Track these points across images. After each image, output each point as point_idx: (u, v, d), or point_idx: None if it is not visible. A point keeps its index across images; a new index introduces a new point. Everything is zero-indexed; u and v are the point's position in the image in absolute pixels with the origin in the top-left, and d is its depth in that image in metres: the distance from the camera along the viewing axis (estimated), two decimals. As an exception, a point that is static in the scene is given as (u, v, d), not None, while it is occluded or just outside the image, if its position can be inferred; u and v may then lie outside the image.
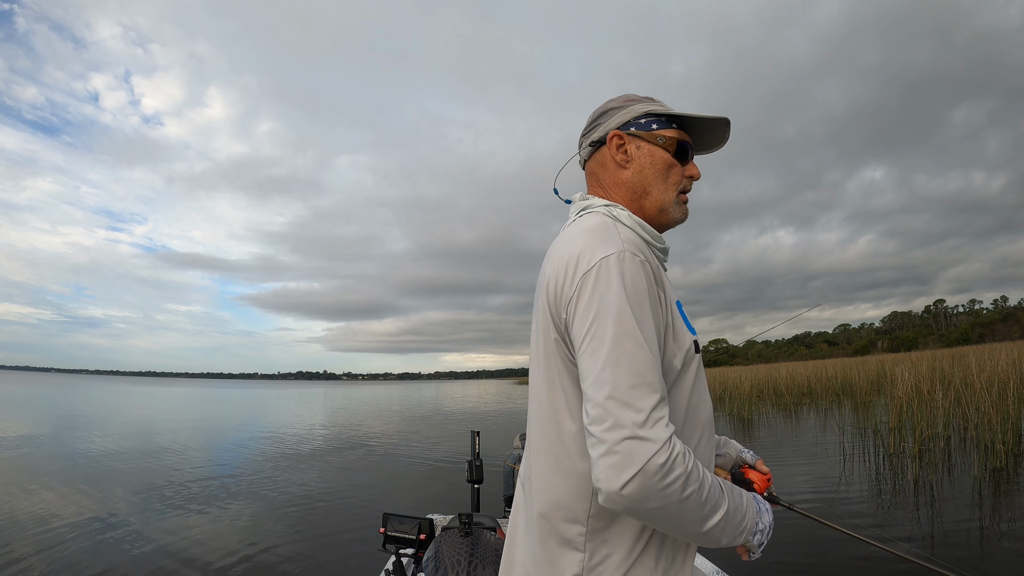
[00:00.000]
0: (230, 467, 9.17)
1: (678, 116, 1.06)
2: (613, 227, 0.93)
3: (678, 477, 0.77)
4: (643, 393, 0.79)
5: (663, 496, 0.77)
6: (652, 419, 0.78)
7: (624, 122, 1.06)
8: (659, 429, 0.78)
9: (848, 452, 8.41)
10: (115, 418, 19.71)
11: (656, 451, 0.76)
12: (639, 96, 1.09)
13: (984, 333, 72.55)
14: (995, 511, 5.15)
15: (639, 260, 0.88)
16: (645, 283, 0.87)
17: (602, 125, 1.08)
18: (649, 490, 0.76)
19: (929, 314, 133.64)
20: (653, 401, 0.79)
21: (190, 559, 4.53)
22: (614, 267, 0.86)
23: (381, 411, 25.21)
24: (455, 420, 19.35)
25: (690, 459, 0.80)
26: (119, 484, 7.59)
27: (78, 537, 5.09)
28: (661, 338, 0.89)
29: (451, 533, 2.05)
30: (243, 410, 26.56)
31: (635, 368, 0.81)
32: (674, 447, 0.78)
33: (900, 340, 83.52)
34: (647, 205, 1.04)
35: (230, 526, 5.54)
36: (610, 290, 0.85)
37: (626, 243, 0.89)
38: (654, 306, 0.87)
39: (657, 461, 0.76)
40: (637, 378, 0.80)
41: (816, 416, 13.86)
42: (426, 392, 62.14)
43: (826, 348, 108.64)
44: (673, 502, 0.78)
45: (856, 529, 1.20)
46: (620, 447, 0.77)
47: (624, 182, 1.05)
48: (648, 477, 0.75)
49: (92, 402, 30.73)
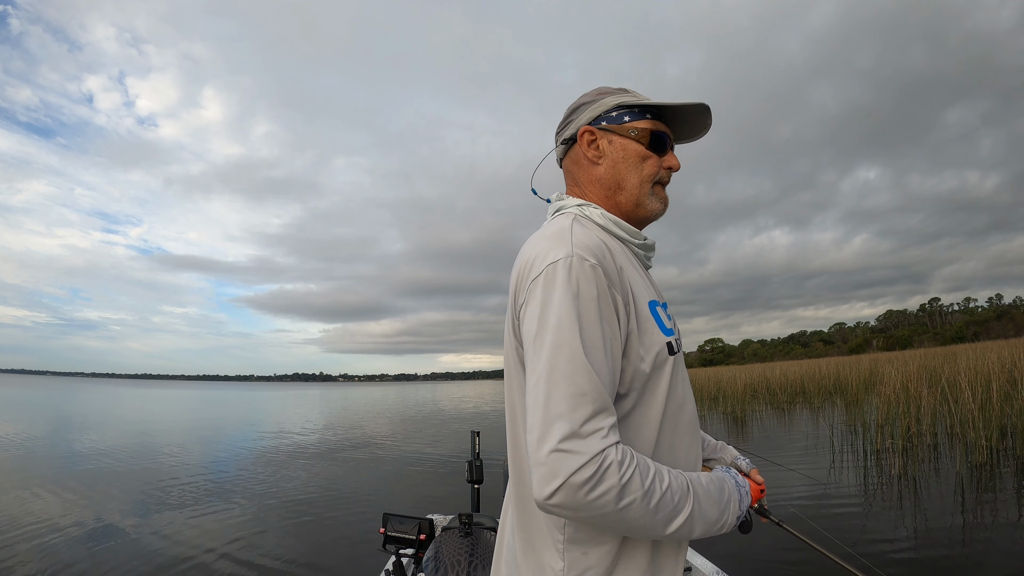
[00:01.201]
0: (228, 469, 9.12)
1: (652, 105, 1.02)
2: (568, 231, 0.89)
3: (608, 489, 0.74)
4: (575, 404, 0.77)
5: (593, 508, 0.75)
6: (584, 432, 0.75)
7: (595, 117, 1.02)
8: (590, 442, 0.75)
9: (837, 449, 8.58)
10: (111, 421, 19.54)
11: (582, 465, 0.73)
12: (612, 88, 1.05)
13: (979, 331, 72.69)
14: (977, 505, 5.29)
15: (589, 264, 0.84)
16: (595, 288, 0.83)
17: (574, 122, 1.05)
18: (576, 502, 0.74)
19: (924, 312, 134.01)
20: (586, 413, 0.76)
21: (189, 560, 4.51)
22: (561, 273, 0.83)
23: (379, 412, 25.13)
24: (454, 420, 19.27)
25: (629, 470, 0.76)
26: (115, 487, 7.56)
27: (74, 540, 5.05)
28: (615, 344, 0.85)
29: (451, 533, 2.04)
30: (240, 412, 26.44)
31: (570, 379, 0.78)
32: (605, 459, 0.75)
33: (895, 338, 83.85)
34: (622, 200, 1.02)
35: (229, 527, 5.53)
36: (552, 297, 0.82)
37: (577, 247, 0.86)
38: (605, 311, 0.83)
39: (582, 475, 0.73)
40: (571, 388, 0.77)
41: (808, 414, 14.01)
42: (423, 393, 61.92)
43: (822, 347, 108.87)
44: (607, 513, 0.76)
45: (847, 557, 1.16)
46: (547, 460, 0.75)
47: (597, 178, 1.02)
48: (573, 490, 0.73)
49: (88, 405, 30.48)
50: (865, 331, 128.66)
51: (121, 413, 24.03)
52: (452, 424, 17.79)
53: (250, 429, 16.62)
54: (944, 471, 6.71)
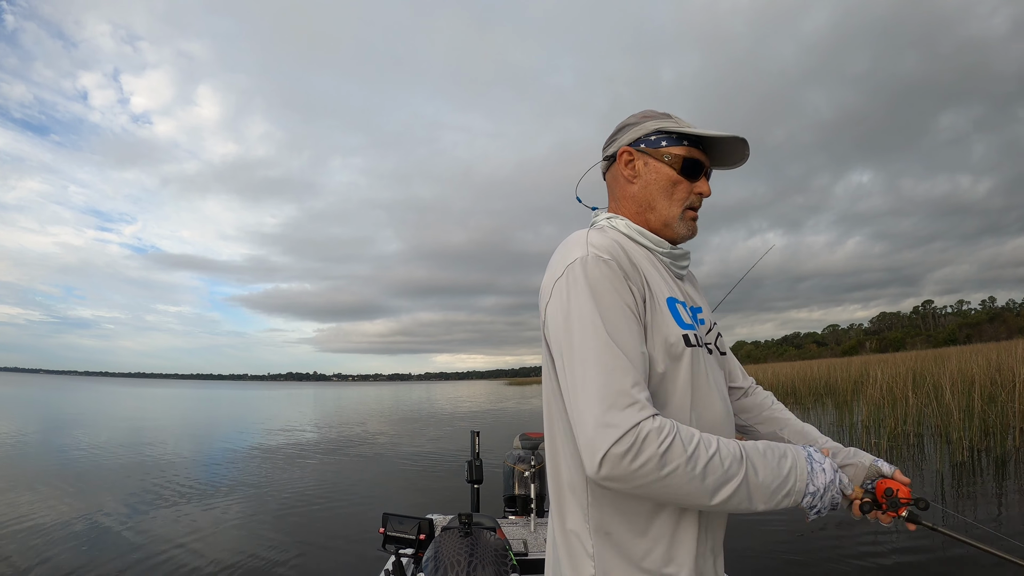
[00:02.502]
0: (224, 468, 9.06)
1: (690, 134, 1.07)
2: (585, 236, 0.97)
3: (650, 458, 0.79)
4: (606, 382, 0.83)
5: (638, 477, 0.79)
6: (618, 404, 0.81)
7: (635, 138, 1.08)
8: (626, 415, 0.81)
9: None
10: (104, 420, 19.43)
11: (620, 436, 0.79)
12: (657, 112, 1.11)
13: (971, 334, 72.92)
14: (958, 500, 5.53)
15: (603, 260, 0.91)
16: (608, 281, 0.90)
17: (616, 141, 1.12)
18: (621, 473, 0.79)
19: (917, 315, 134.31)
20: (618, 388, 0.82)
21: (187, 561, 4.47)
22: (578, 270, 0.91)
23: (376, 412, 25.03)
24: (453, 420, 19.31)
25: (669, 437, 0.80)
26: (109, 486, 7.46)
27: (68, 541, 4.97)
28: (637, 328, 0.91)
29: (451, 533, 2.04)
30: (234, 411, 26.28)
31: (598, 360, 0.85)
32: (642, 429, 0.80)
33: (888, 340, 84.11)
34: (652, 219, 1.07)
35: (227, 527, 5.49)
36: (571, 293, 0.90)
37: (592, 247, 0.93)
38: (623, 299, 0.90)
39: (621, 447, 0.79)
40: (601, 369, 0.84)
41: (799, 415, 14.14)
42: (418, 393, 61.44)
43: (815, 349, 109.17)
44: (652, 481, 0.80)
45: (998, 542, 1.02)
46: (590, 438, 0.81)
47: (631, 196, 1.09)
48: (615, 462, 0.79)
49: (81, 403, 30.22)
50: (858, 333, 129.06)
51: (115, 412, 23.85)
52: (450, 424, 17.72)
53: (245, 429, 16.50)
54: (927, 470, 6.94)
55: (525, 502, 2.91)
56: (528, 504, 2.88)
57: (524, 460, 2.96)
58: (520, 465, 2.95)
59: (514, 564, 2.04)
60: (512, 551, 2.20)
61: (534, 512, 2.84)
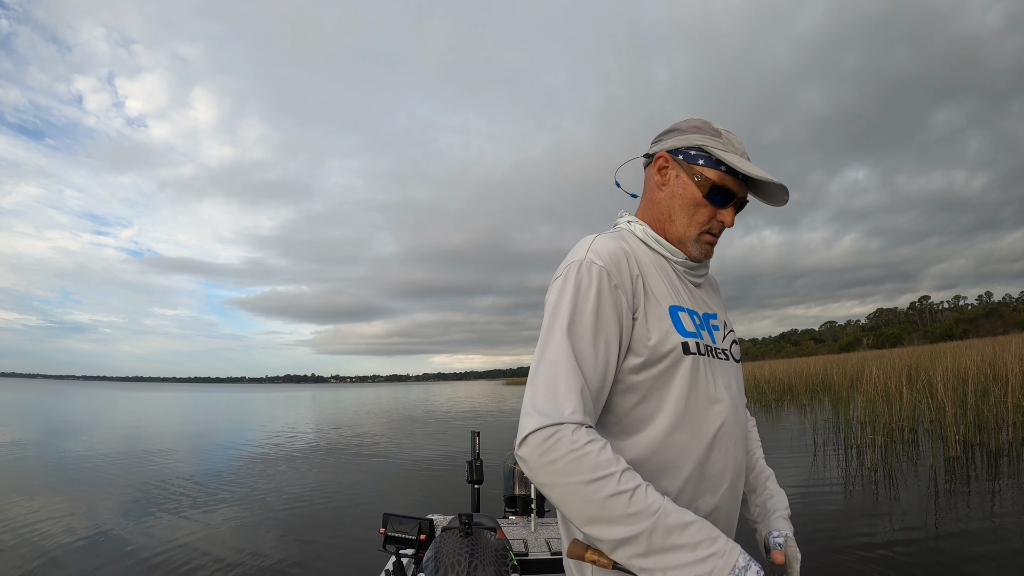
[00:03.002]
0: (224, 470, 9.05)
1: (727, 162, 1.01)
2: (590, 240, 0.99)
3: (556, 460, 0.81)
4: (550, 380, 0.87)
5: (540, 470, 0.82)
6: (552, 400, 0.85)
7: (676, 147, 1.05)
8: (553, 411, 0.84)
9: (819, 444, 8.89)
10: (103, 424, 19.36)
11: (538, 427, 0.82)
12: (711, 127, 1.04)
13: (968, 329, 72.97)
14: (950, 495, 5.60)
15: (596, 266, 0.93)
16: (594, 288, 0.92)
17: (661, 142, 1.09)
18: (531, 459, 0.83)
19: (914, 310, 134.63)
20: (559, 389, 0.86)
21: (188, 562, 4.47)
22: (571, 273, 0.94)
23: (375, 413, 24.98)
24: (452, 420, 19.29)
25: (579, 450, 0.80)
26: (108, 490, 7.44)
27: (67, 545, 4.94)
28: (608, 339, 0.92)
29: (451, 533, 1.99)
30: (233, 414, 26.20)
31: (552, 360, 0.88)
32: (558, 432, 0.82)
33: (885, 336, 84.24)
34: (669, 231, 1.06)
35: (227, 528, 5.49)
36: (557, 292, 0.95)
37: (591, 252, 0.96)
38: (602, 308, 0.92)
39: (538, 436, 0.82)
40: (550, 368, 0.88)
41: (796, 412, 14.29)
42: (417, 394, 61.19)
43: (812, 345, 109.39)
44: (551, 481, 0.82)
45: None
46: (521, 418, 0.87)
47: (657, 201, 1.08)
48: (530, 448, 0.83)
49: (79, 408, 29.97)
50: (855, 329, 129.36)
51: (113, 416, 23.71)
52: (450, 424, 17.68)
53: (244, 431, 16.42)
54: (920, 464, 7.04)
55: (525, 502, 2.88)
56: (528, 504, 2.85)
57: None
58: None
59: (514, 564, 2.00)
60: (512, 551, 2.18)
61: (534, 512, 2.83)
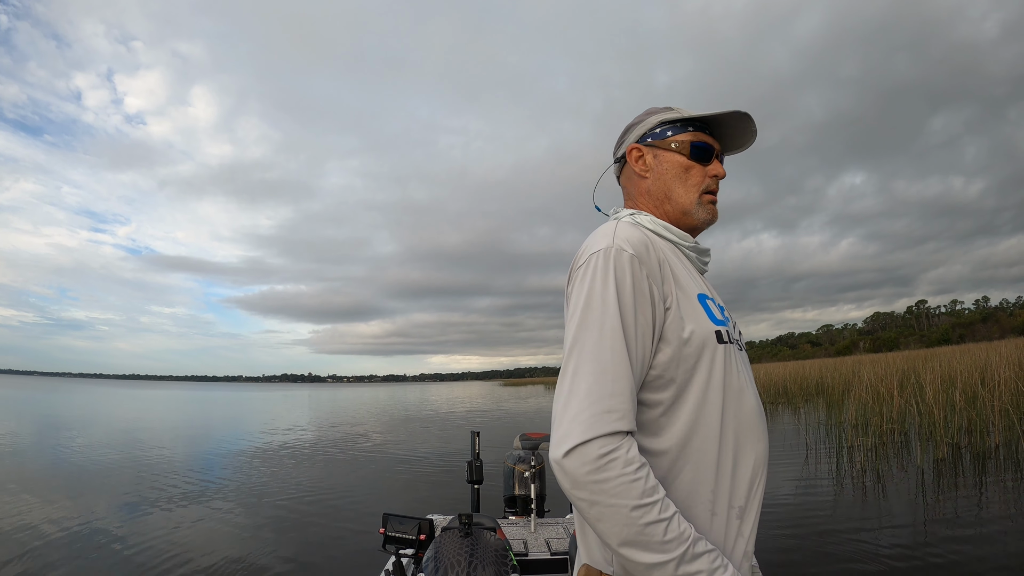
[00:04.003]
0: (222, 469, 9.00)
1: (692, 119, 1.07)
2: (613, 228, 0.94)
3: (607, 479, 0.77)
4: (598, 381, 0.82)
5: (586, 487, 0.78)
6: (602, 408, 0.80)
7: (641, 135, 1.08)
8: (605, 420, 0.79)
9: (811, 446, 9.04)
10: (99, 421, 19.26)
11: (590, 439, 0.78)
12: (658, 108, 1.10)
13: (964, 333, 72.99)
14: (937, 496, 5.76)
15: (627, 254, 0.89)
16: (629, 277, 0.88)
17: (624, 142, 1.11)
18: (576, 472, 0.78)
19: (911, 315, 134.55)
20: (607, 391, 0.81)
21: (187, 562, 4.44)
22: (600, 261, 0.89)
23: (373, 412, 24.94)
24: (451, 421, 19.21)
25: (631, 473, 0.78)
26: (106, 489, 7.37)
27: (63, 543, 4.90)
28: (644, 332, 0.88)
29: (451, 533, 2.03)
30: (230, 412, 26.13)
31: (596, 357, 0.83)
32: (616, 449, 0.78)
33: (882, 340, 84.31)
34: (670, 210, 1.06)
35: (226, 528, 5.46)
36: (588, 282, 0.89)
37: (618, 240, 0.91)
38: (638, 299, 0.88)
39: (589, 451, 0.77)
40: (596, 367, 0.83)
41: (790, 414, 14.40)
42: (415, 394, 60.81)
43: (809, 349, 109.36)
44: (594, 500, 0.78)
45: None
46: (568, 426, 0.80)
47: (646, 191, 1.07)
48: (578, 460, 0.78)
49: (76, 405, 29.86)
50: (852, 333, 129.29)
51: (110, 414, 23.59)
52: (450, 424, 17.62)
53: (241, 430, 16.43)
54: (909, 466, 7.21)
55: (525, 502, 2.93)
56: (528, 504, 2.89)
57: (524, 460, 2.97)
58: (520, 465, 2.97)
59: (514, 564, 2.04)
60: (512, 551, 2.21)
61: (534, 512, 2.86)
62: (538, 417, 19.33)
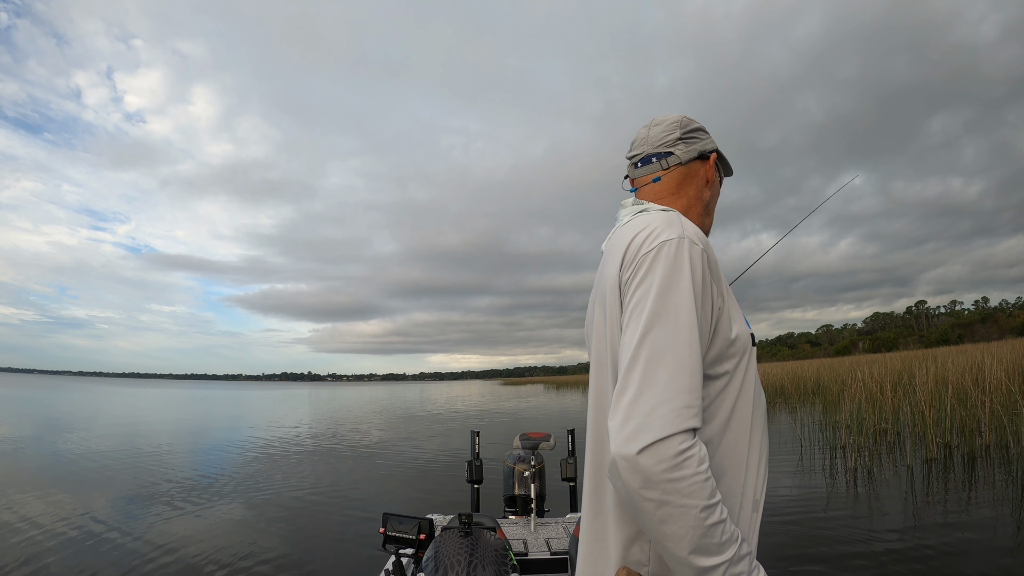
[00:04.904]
0: (222, 469, 8.96)
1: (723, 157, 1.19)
2: (678, 218, 0.95)
3: (681, 478, 0.74)
4: (676, 375, 0.79)
5: (658, 485, 0.74)
6: (681, 404, 0.78)
7: (716, 148, 1.15)
8: (683, 417, 0.77)
9: (805, 446, 9.16)
10: (99, 420, 19.20)
11: (668, 436, 0.75)
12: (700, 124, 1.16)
13: (963, 334, 72.88)
14: (927, 495, 5.90)
15: (698, 248, 0.89)
16: (700, 272, 0.87)
17: (703, 140, 1.13)
18: (650, 470, 0.74)
19: (911, 315, 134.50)
20: (685, 386, 0.79)
21: (187, 562, 4.42)
22: (673, 250, 0.87)
23: (373, 411, 24.85)
24: (452, 420, 19.12)
25: (704, 473, 0.76)
26: (104, 488, 7.33)
27: (61, 544, 4.85)
28: (706, 328, 0.88)
29: (451, 533, 2.04)
30: (230, 411, 26.02)
31: (673, 351, 0.81)
32: (692, 447, 0.76)
33: (881, 340, 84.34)
34: (707, 224, 1.15)
35: (226, 528, 5.43)
36: (663, 272, 0.86)
37: (688, 231, 0.91)
38: (705, 294, 0.88)
39: (667, 448, 0.75)
40: (674, 360, 0.81)
41: (787, 414, 14.49)
42: (414, 393, 60.22)
43: (809, 349, 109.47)
44: (662, 501, 0.75)
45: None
46: (644, 419, 0.76)
47: (704, 199, 1.13)
48: (654, 457, 0.74)
49: (75, 403, 29.73)
50: (852, 333, 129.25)
51: (109, 412, 23.47)
52: (450, 424, 17.57)
53: (241, 429, 16.45)
54: (900, 465, 7.36)
55: (525, 502, 2.94)
56: (528, 504, 2.91)
57: (524, 460, 2.98)
58: (520, 465, 2.98)
59: (514, 564, 2.06)
60: (512, 551, 2.22)
61: (534, 512, 2.87)
62: (539, 416, 19.37)
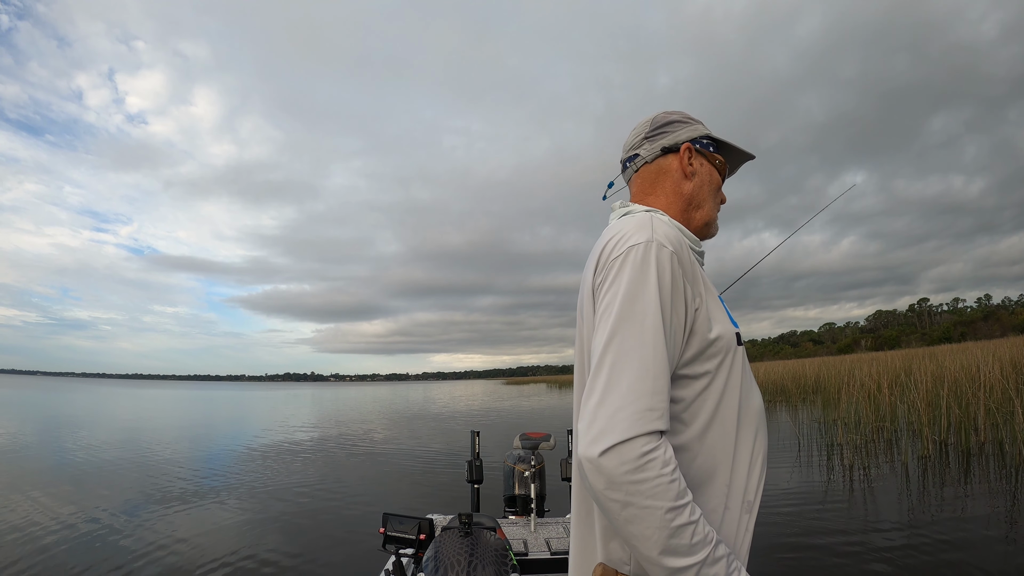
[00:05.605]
0: (223, 469, 8.99)
1: (723, 143, 1.14)
2: (649, 221, 0.94)
3: (644, 480, 0.75)
4: (639, 378, 0.80)
5: (622, 487, 0.75)
6: (643, 407, 0.78)
7: (693, 137, 1.11)
8: (646, 419, 0.78)
9: (803, 443, 9.22)
10: (102, 421, 19.26)
11: (631, 438, 0.76)
12: (690, 116, 1.14)
13: (965, 331, 72.56)
14: (921, 491, 5.98)
15: (667, 251, 0.88)
16: (668, 274, 0.87)
17: (672, 134, 1.11)
18: (614, 472, 0.75)
19: (913, 313, 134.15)
20: (647, 389, 0.80)
21: (187, 561, 4.43)
22: (640, 254, 0.87)
23: (375, 412, 24.87)
24: (453, 420, 19.13)
25: (669, 475, 0.77)
26: (108, 488, 7.37)
27: (64, 544, 4.87)
28: (677, 331, 0.88)
29: (451, 533, 2.04)
30: (233, 412, 26.05)
31: (637, 354, 0.82)
32: (655, 449, 0.77)
33: (883, 339, 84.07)
34: (697, 217, 1.09)
35: (227, 527, 5.45)
36: (628, 276, 0.86)
37: (657, 234, 0.90)
38: (675, 298, 0.87)
39: (629, 450, 0.75)
40: (636, 364, 0.81)
41: (787, 412, 14.55)
42: (417, 392, 60.06)
43: (811, 347, 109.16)
44: (626, 501, 0.76)
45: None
46: (606, 422, 0.77)
47: (684, 192, 1.08)
48: (617, 459, 0.75)
49: (79, 405, 29.71)
50: (854, 331, 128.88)
51: (113, 413, 23.51)
52: (450, 424, 17.58)
53: (244, 429, 16.51)
54: (895, 462, 7.45)
55: (525, 502, 2.94)
56: (528, 504, 2.90)
57: (524, 460, 2.98)
58: (520, 465, 2.97)
59: (514, 564, 2.05)
60: (512, 551, 2.22)
61: (534, 512, 2.87)
62: (539, 416, 19.37)
